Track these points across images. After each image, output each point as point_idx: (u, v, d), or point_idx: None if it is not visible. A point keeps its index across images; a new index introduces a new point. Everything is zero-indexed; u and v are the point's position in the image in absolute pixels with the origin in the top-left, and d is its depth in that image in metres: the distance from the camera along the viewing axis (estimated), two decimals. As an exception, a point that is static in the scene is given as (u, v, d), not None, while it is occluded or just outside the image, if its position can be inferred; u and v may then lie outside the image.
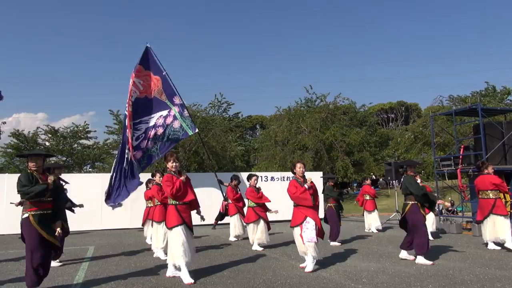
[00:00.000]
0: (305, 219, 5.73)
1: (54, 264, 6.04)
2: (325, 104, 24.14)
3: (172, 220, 5.27)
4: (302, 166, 6.10)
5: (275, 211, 8.25)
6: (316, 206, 5.93)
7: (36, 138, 27.85)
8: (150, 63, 9.84)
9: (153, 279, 5.27)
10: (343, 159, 21.65)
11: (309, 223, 5.71)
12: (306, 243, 5.63)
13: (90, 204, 12.12)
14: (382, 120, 42.47)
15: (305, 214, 5.75)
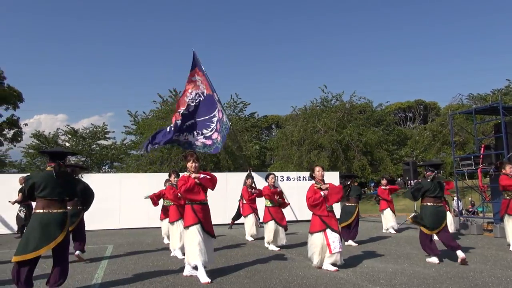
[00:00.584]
0: (326, 229, 5.68)
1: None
2: (341, 104, 23.95)
3: (188, 219, 5.31)
4: (321, 169, 6.02)
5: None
6: (332, 210, 5.90)
7: (56, 138, 28.50)
8: (198, 65, 11.80)
9: (171, 278, 5.32)
10: (359, 159, 21.43)
11: (332, 234, 5.69)
12: (335, 254, 5.62)
13: (108, 203, 12.36)
14: (400, 119, 41.88)
15: (327, 223, 5.70)
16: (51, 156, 4.71)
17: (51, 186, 4.44)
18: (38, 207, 4.44)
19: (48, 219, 4.37)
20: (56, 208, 4.45)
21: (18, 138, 21.34)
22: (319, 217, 5.81)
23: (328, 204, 5.84)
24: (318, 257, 5.72)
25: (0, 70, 19.48)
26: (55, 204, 4.46)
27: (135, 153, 26.18)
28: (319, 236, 5.77)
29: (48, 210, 4.41)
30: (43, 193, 4.42)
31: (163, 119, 21.62)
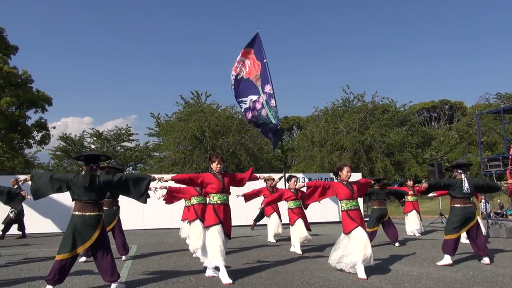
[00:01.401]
0: (356, 227, 5.55)
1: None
2: (363, 104, 23.65)
3: (209, 219, 5.35)
4: (349, 171, 5.86)
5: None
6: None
7: (82, 141, 29.26)
8: (257, 48, 10.85)
9: (193, 278, 5.37)
10: (382, 160, 21.11)
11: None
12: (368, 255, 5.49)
13: (132, 204, 12.54)
14: (424, 119, 40.99)
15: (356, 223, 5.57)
16: (84, 160, 4.89)
17: (83, 189, 4.63)
18: (75, 209, 4.68)
19: (83, 222, 4.60)
20: (90, 211, 4.65)
21: (46, 140, 21.98)
22: (346, 213, 5.67)
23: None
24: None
25: (28, 74, 20.13)
26: (89, 207, 4.65)
27: (158, 155, 26.58)
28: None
29: (83, 212, 4.63)
30: (76, 196, 4.65)
31: (185, 121, 21.87)
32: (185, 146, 22.01)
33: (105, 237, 4.82)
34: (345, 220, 5.69)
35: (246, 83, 10.89)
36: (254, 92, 10.73)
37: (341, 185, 5.79)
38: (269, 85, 10.43)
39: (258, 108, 10.74)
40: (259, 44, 10.80)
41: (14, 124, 19.36)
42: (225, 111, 23.37)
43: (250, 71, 10.82)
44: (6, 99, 18.13)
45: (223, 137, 21.72)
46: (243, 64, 10.90)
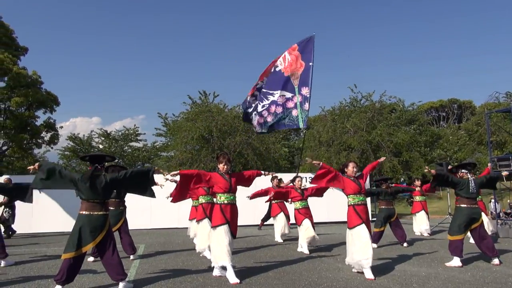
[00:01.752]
0: (360, 225, 5.52)
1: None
2: (371, 103, 23.52)
3: (216, 219, 5.37)
4: (355, 166, 5.90)
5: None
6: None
7: (90, 141, 29.47)
8: (306, 49, 10.59)
9: (200, 277, 5.39)
10: (390, 159, 20.97)
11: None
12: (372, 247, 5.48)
13: (140, 204, 12.66)
14: (433, 118, 40.65)
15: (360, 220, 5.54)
16: (90, 160, 4.97)
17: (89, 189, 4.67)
18: (82, 209, 4.72)
19: (90, 221, 4.65)
20: (96, 211, 4.70)
21: (55, 140, 22.17)
22: (353, 208, 5.64)
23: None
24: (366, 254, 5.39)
25: (37, 74, 20.32)
26: (96, 206, 4.70)
27: (165, 155, 26.67)
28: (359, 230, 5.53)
29: (90, 212, 4.68)
30: (83, 195, 4.70)
31: (193, 120, 21.91)
32: (192, 146, 22.05)
33: (111, 236, 4.86)
34: (350, 215, 5.67)
35: (280, 77, 10.63)
36: (290, 89, 10.48)
37: (349, 180, 5.79)
38: (307, 88, 10.28)
39: (290, 107, 10.52)
40: (310, 46, 10.55)
41: (23, 124, 19.55)
42: (232, 111, 23.38)
43: (289, 67, 10.55)
44: (16, 99, 18.33)
45: (230, 137, 21.73)
46: (284, 58, 10.66)
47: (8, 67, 17.99)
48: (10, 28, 19.83)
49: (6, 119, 19.10)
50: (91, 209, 4.69)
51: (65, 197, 12.52)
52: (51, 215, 12.38)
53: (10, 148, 21.31)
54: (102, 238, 4.71)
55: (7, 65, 17.96)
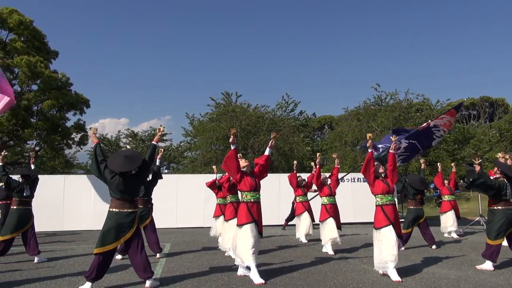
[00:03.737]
0: (387, 226, 5.43)
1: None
2: (397, 102, 23.04)
3: (242, 217, 5.38)
4: (382, 168, 5.80)
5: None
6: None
7: (118, 141, 30.19)
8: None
9: (225, 277, 5.42)
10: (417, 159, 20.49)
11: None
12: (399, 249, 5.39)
13: (166, 203, 12.87)
14: (462, 117, 39.44)
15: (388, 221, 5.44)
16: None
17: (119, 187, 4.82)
18: (112, 206, 4.89)
19: (119, 218, 4.79)
20: (126, 208, 4.84)
21: (85, 141, 22.82)
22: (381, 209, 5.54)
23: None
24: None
25: (67, 77, 20.97)
26: (125, 204, 4.84)
27: (190, 155, 26.99)
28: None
29: (120, 209, 4.82)
30: (113, 193, 4.86)
31: (217, 121, 22.10)
32: (217, 146, 22.24)
33: (139, 234, 4.98)
34: (378, 215, 5.57)
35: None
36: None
37: (379, 181, 5.68)
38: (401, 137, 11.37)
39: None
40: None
41: (55, 126, 20.21)
42: (256, 111, 23.42)
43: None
44: (48, 102, 18.98)
45: (254, 137, 21.78)
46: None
47: (41, 71, 18.64)
48: (42, 33, 20.56)
49: (39, 121, 19.80)
50: (120, 207, 4.83)
51: (95, 195, 12.91)
52: (81, 214, 12.74)
53: (42, 148, 22.09)
54: (130, 236, 4.83)
55: (40, 69, 18.62)
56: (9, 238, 6.78)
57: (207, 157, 21.63)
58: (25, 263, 6.70)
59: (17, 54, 18.58)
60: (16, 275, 5.73)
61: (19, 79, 19.04)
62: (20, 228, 6.88)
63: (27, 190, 7.04)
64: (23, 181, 7.10)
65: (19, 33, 19.30)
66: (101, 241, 4.71)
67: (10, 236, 6.78)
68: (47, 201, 11.92)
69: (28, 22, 19.57)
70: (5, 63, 18.48)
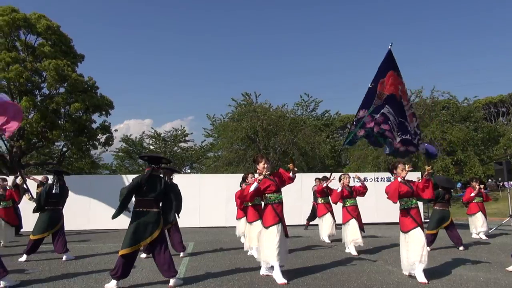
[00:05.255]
0: (415, 228, 5.34)
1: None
2: (421, 100, 22.57)
3: (269, 219, 5.36)
4: (404, 168, 5.64)
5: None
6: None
7: (142, 142, 30.75)
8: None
9: (248, 276, 5.43)
10: (443, 158, 20.01)
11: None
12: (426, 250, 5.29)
13: (189, 203, 13.00)
14: (490, 114, 38.22)
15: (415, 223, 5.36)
16: (148, 160, 5.26)
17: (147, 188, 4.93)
18: (136, 206, 4.98)
19: (145, 218, 4.88)
20: (151, 207, 4.94)
21: (110, 142, 23.35)
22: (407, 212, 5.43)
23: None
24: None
25: (93, 80, 21.50)
26: (150, 204, 4.95)
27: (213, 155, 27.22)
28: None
29: (145, 209, 4.92)
30: (139, 194, 4.97)
31: (238, 121, 22.21)
32: (238, 145, 22.35)
33: (163, 234, 5.06)
34: (404, 219, 5.47)
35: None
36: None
37: (401, 184, 5.56)
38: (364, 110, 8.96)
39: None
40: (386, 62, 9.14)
41: (81, 128, 20.78)
42: (277, 110, 23.40)
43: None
44: (75, 104, 19.52)
45: (275, 136, 21.78)
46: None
47: (68, 74, 19.19)
48: (68, 37, 21.16)
49: (66, 123, 20.38)
50: (145, 206, 4.92)
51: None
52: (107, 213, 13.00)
53: (69, 150, 22.73)
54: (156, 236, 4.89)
55: (67, 72, 19.16)
56: (39, 238, 7.01)
57: (229, 157, 21.77)
58: (53, 260, 6.91)
59: (45, 58, 19.19)
60: (46, 272, 5.91)
61: (47, 82, 19.66)
62: (51, 229, 7.09)
63: (57, 188, 7.19)
64: (55, 179, 7.28)
65: (47, 38, 19.94)
66: (127, 242, 4.79)
67: (40, 236, 7.00)
68: (74, 200, 12.24)
69: (55, 26, 20.19)
70: (34, 67, 19.11)
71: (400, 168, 5.65)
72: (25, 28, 19.34)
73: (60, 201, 7.35)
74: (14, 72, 17.59)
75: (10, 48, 19.16)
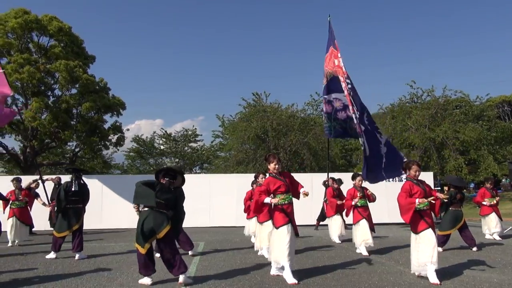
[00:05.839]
0: (427, 229, 5.28)
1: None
2: (433, 99, 22.30)
3: (279, 219, 5.35)
4: (418, 170, 5.55)
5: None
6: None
7: (153, 142, 30.96)
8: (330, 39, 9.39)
9: (258, 276, 5.44)
10: (455, 158, 19.74)
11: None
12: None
13: (199, 202, 13.09)
14: (504, 113, 37.60)
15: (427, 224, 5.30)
16: (165, 173, 5.37)
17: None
18: (145, 206, 5.17)
19: (153, 216, 5.02)
20: (159, 208, 5.07)
21: (121, 142, 23.55)
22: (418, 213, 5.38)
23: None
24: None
25: (104, 81, 21.71)
26: (159, 205, 5.07)
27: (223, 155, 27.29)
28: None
29: (154, 208, 5.06)
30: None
31: (248, 120, 22.22)
32: (248, 145, 22.37)
33: (170, 233, 5.14)
34: (415, 220, 5.41)
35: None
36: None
37: (414, 185, 5.50)
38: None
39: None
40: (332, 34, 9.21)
41: (93, 128, 21.00)
42: (287, 110, 23.35)
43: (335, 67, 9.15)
44: (86, 104, 19.73)
45: (286, 136, 21.74)
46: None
47: (79, 75, 19.40)
48: (79, 38, 21.40)
49: (78, 123, 20.62)
50: (156, 206, 5.04)
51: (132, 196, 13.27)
52: (118, 213, 13.14)
53: (81, 150, 22.99)
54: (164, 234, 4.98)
55: (78, 73, 19.37)
56: (63, 235, 7.18)
57: (239, 156, 21.80)
58: (66, 259, 6.99)
59: (56, 59, 19.41)
60: (59, 270, 6.00)
61: (59, 83, 19.91)
62: (71, 227, 7.20)
63: (76, 185, 7.27)
64: (73, 177, 7.36)
65: (59, 39, 20.19)
66: (140, 239, 4.96)
67: (64, 234, 7.17)
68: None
69: (67, 28, 20.43)
70: (46, 68, 19.37)
71: (413, 169, 5.55)
72: (38, 30, 19.61)
73: (80, 199, 7.40)
74: (27, 74, 17.84)
75: (23, 49, 19.44)
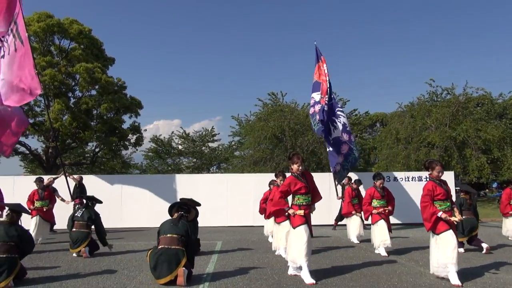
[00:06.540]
0: (447, 230, 5.20)
1: None
2: (454, 97, 21.82)
3: (296, 219, 5.35)
4: (441, 170, 5.44)
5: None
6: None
7: (171, 142, 31.27)
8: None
9: (276, 276, 5.44)
10: (478, 157, 19.26)
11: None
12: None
13: (217, 202, 13.15)
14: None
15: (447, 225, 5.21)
16: (179, 206, 5.70)
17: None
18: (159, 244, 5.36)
19: (166, 254, 5.17)
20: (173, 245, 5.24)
21: (140, 142, 23.89)
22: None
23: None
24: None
25: (122, 81, 22.04)
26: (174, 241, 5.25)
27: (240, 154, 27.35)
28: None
29: (167, 246, 5.22)
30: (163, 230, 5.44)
31: (265, 120, 22.22)
32: (265, 145, 22.35)
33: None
34: (436, 221, 5.32)
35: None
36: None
37: (437, 186, 5.40)
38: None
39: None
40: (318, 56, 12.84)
41: (112, 128, 21.36)
42: (304, 110, 23.24)
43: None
44: (105, 105, 20.09)
45: (303, 136, 21.65)
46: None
47: (98, 77, 19.77)
48: (99, 41, 21.81)
49: (98, 124, 21.01)
50: (167, 244, 5.22)
51: (151, 195, 13.45)
52: (138, 212, 13.33)
53: (101, 150, 23.42)
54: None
55: (98, 75, 19.75)
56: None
57: (256, 156, 21.82)
58: (88, 258, 7.12)
59: (77, 62, 19.84)
60: (80, 268, 6.13)
61: (79, 85, 20.33)
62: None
63: (81, 212, 7.69)
64: (84, 206, 7.86)
65: (79, 42, 20.61)
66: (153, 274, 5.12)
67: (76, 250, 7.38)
68: (108, 199, 12.58)
69: (87, 31, 20.85)
70: (67, 71, 19.82)
71: (437, 170, 5.44)
72: (59, 33, 20.07)
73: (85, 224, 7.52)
74: (49, 76, 18.28)
75: (45, 52, 19.92)
